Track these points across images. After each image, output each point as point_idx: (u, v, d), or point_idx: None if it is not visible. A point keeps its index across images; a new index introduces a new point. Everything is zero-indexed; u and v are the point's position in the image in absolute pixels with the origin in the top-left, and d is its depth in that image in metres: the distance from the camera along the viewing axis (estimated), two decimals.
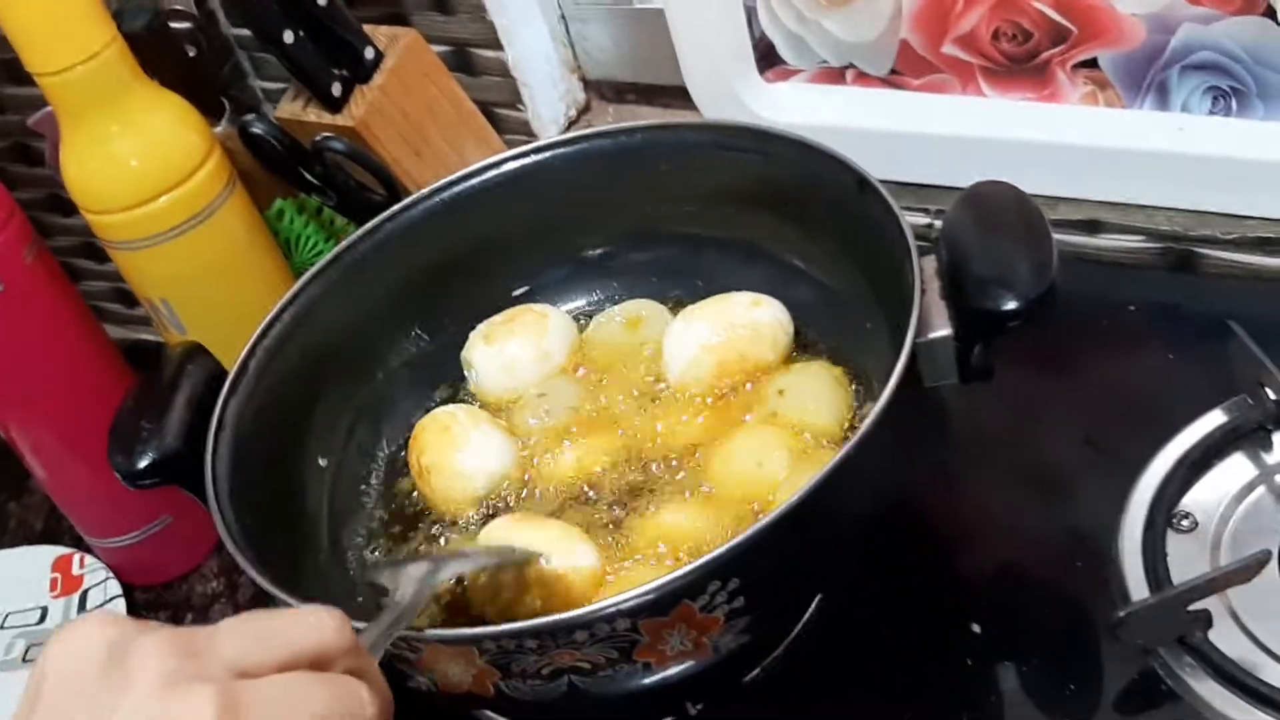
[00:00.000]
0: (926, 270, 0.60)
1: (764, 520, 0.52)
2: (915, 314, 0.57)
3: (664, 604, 0.52)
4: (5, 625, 0.89)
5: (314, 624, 0.41)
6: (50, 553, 0.92)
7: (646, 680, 0.56)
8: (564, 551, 0.61)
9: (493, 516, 0.68)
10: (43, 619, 0.89)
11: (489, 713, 0.64)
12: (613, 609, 0.52)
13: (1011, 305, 0.56)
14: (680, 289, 0.76)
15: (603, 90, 0.98)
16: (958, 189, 0.80)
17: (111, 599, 0.88)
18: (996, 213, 0.61)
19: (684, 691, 0.63)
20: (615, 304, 0.76)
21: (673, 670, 0.56)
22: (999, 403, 0.72)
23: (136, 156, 0.77)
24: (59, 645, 0.39)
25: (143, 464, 0.63)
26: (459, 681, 0.56)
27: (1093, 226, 0.79)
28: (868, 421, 0.54)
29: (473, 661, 0.54)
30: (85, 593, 0.89)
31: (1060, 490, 0.69)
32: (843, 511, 0.57)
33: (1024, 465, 0.71)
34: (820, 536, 0.56)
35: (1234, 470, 0.66)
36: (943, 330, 0.59)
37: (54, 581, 0.91)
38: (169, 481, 0.64)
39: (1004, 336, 0.58)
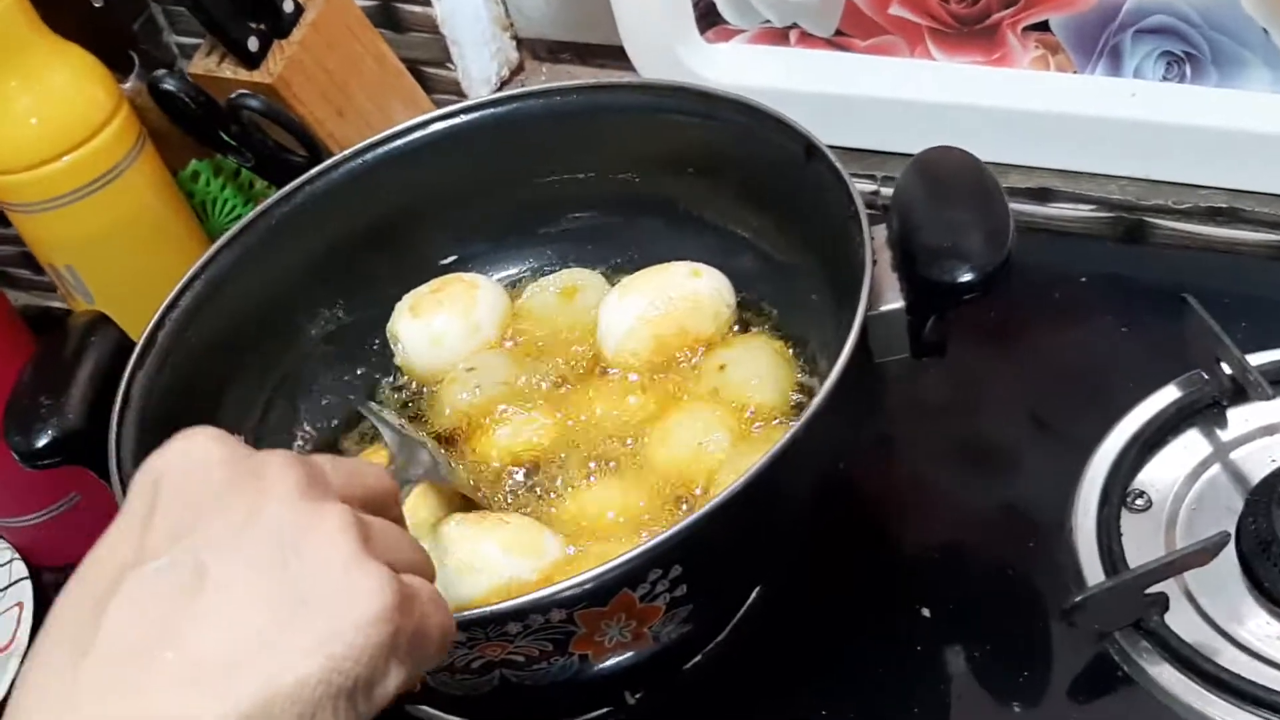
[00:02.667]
0: (877, 240, 0.58)
1: (707, 506, 0.49)
2: (866, 286, 0.54)
3: (602, 593, 0.49)
4: None
5: (379, 474, 0.43)
6: None
7: (585, 672, 0.53)
8: (528, 549, 0.57)
9: None
10: None
11: (423, 706, 0.61)
12: (547, 599, 0.49)
13: (967, 277, 0.54)
14: (617, 257, 0.72)
15: (536, 49, 0.94)
16: (905, 155, 0.77)
17: (17, 580, 0.83)
18: (950, 180, 0.58)
19: (623, 681, 0.60)
20: (549, 273, 0.73)
21: (611, 662, 0.53)
22: (945, 377, 0.70)
23: (36, 114, 0.72)
24: (175, 452, 0.38)
25: (41, 443, 0.59)
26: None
27: (1043, 195, 0.76)
28: (815, 401, 0.51)
29: None
30: None
31: (1011, 468, 0.67)
32: (789, 494, 0.54)
33: (972, 443, 0.69)
34: (766, 520, 0.53)
35: (1189, 447, 0.65)
36: (894, 303, 0.56)
37: None
38: (71, 461, 0.60)
39: (958, 309, 0.55)
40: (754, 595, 0.63)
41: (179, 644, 0.34)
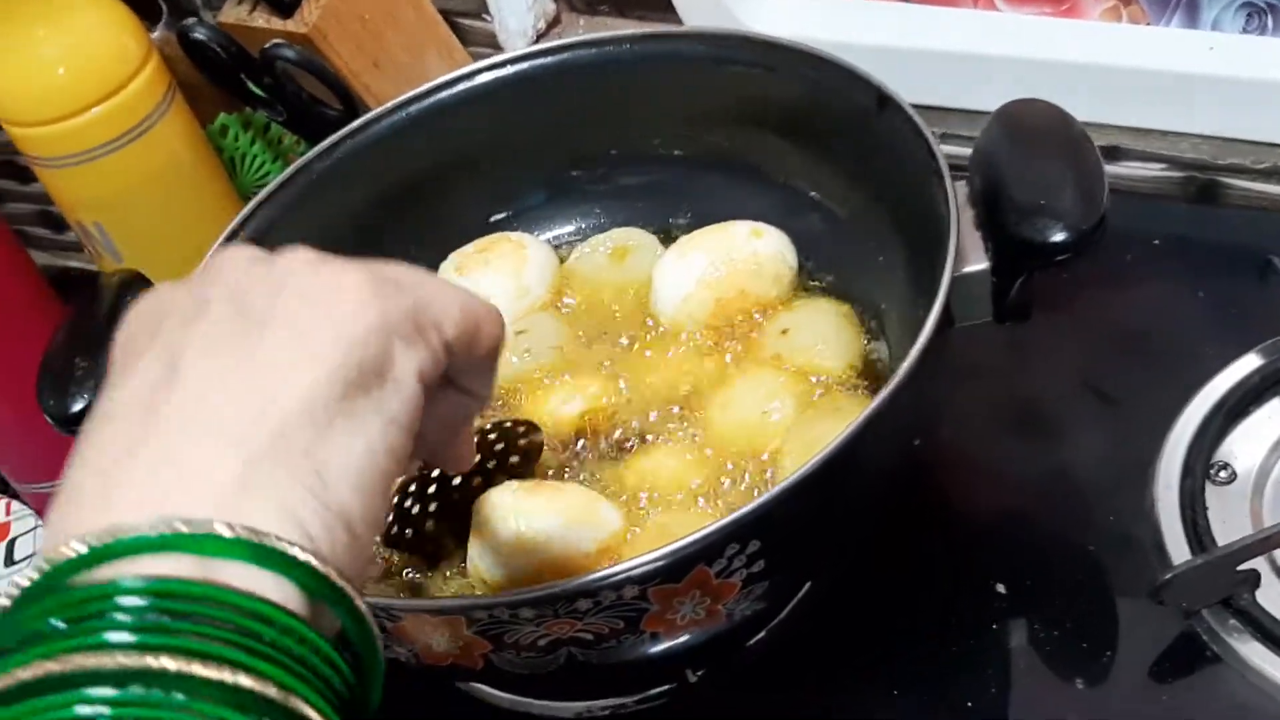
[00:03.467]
0: (958, 197, 0.55)
1: (789, 480, 0.47)
2: (953, 246, 0.51)
3: (678, 570, 0.47)
4: None
5: (483, 314, 0.40)
6: None
7: (652, 650, 0.50)
8: (586, 520, 0.55)
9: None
10: None
11: (479, 685, 0.59)
12: (621, 576, 0.46)
13: (1060, 237, 0.51)
14: (671, 216, 0.69)
15: (573, 1, 0.91)
16: (967, 111, 0.75)
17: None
18: (1037, 134, 0.55)
19: (685, 659, 0.57)
20: (600, 232, 0.70)
21: (681, 639, 0.50)
22: (1015, 345, 0.67)
23: (64, 63, 0.69)
24: (219, 254, 0.37)
25: (78, 407, 0.56)
26: (443, 654, 0.50)
27: (1112, 153, 0.73)
28: (904, 367, 0.49)
29: (460, 633, 0.48)
30: (13, 541, 0.82)
31: (1085, 440, 0.64)
32: (871, 468, 0.51)
33: (1045, 413, 0.66)
34: (846, 495, 0.51)
35: (1273, 417, 0.62)
36: (979, 264, 0.53)
37: None
38: None
39: (1048, 272, 0.52)
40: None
41: (238, 404, 0.33)
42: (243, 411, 0.33)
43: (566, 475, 0.60)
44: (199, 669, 0.28)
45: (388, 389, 0.35)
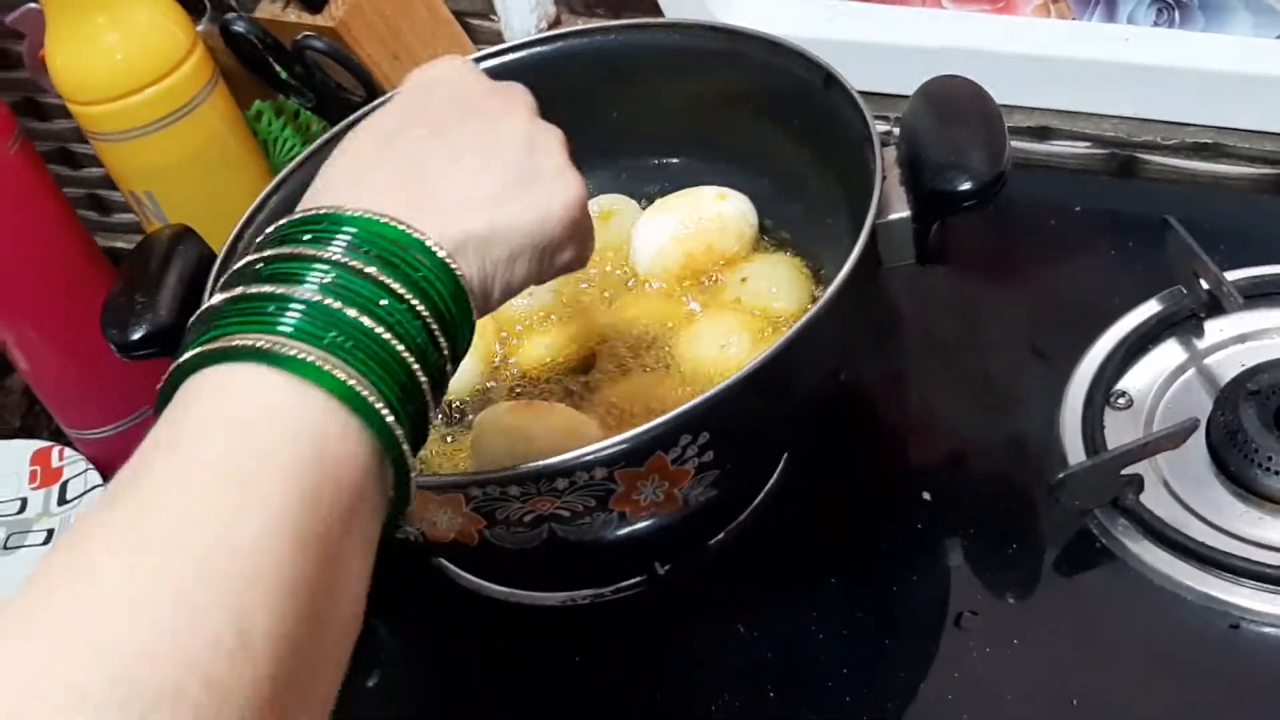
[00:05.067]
0: (887, 159, 0.64)
1: (732, 377, 0.56)
2: (876, 195, 0.61)
3: (638, 454, 0.56)
4: None
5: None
6: (29, 446, 0.94)
7: (621, 531, 0.59)
8: (572, 435, 0.64)
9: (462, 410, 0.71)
10: (22, 509, 0.91)
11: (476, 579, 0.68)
12: (591, 456, 0.55)
13: (966, 186, 0.60)
14: (650, 186, 0.79)
15: (573, 4, 1.01)
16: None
17: (92, 488, 0.90)
18: (952, 104, 0.65)
19: (654, 550, 0.67)
20: (589, 199, 0.79)
21: (645, 522, 0.60)
22: (951, 297, 0.77)
23: (122, 50, 0.79)
24: (444, 68, 0.54)
25: (138, 334, 0.66)
26: (446, 530, 0.59)
27: (1042, 133, 0.83)
28: (832, 286, 0.58)
29: (460, 510, 0.57)
30: (65, 484, 0.91)
31: (1007, 376, 0.74)
32: (803, 374, 0.60)
33: (973, 354, 0.75)
34: (782, 396, 0.60)
35: (1168, 354, 0.71)
36: (901, 212, 0.62)
37: (33, 474, 0.93)
38: (164, 352, 0.66)
39: (958, 217, 0.61)
40: (771, 482, 0.70)
41: (453, 178, 0.47)
42: (485, 206, 0.47)
43: (558, 397, 0.70)
44: (384, 279, 0.43)
45: (553, 266, 0.51)
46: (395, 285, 0.43)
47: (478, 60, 0.77)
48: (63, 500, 0.91)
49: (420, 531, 0.60)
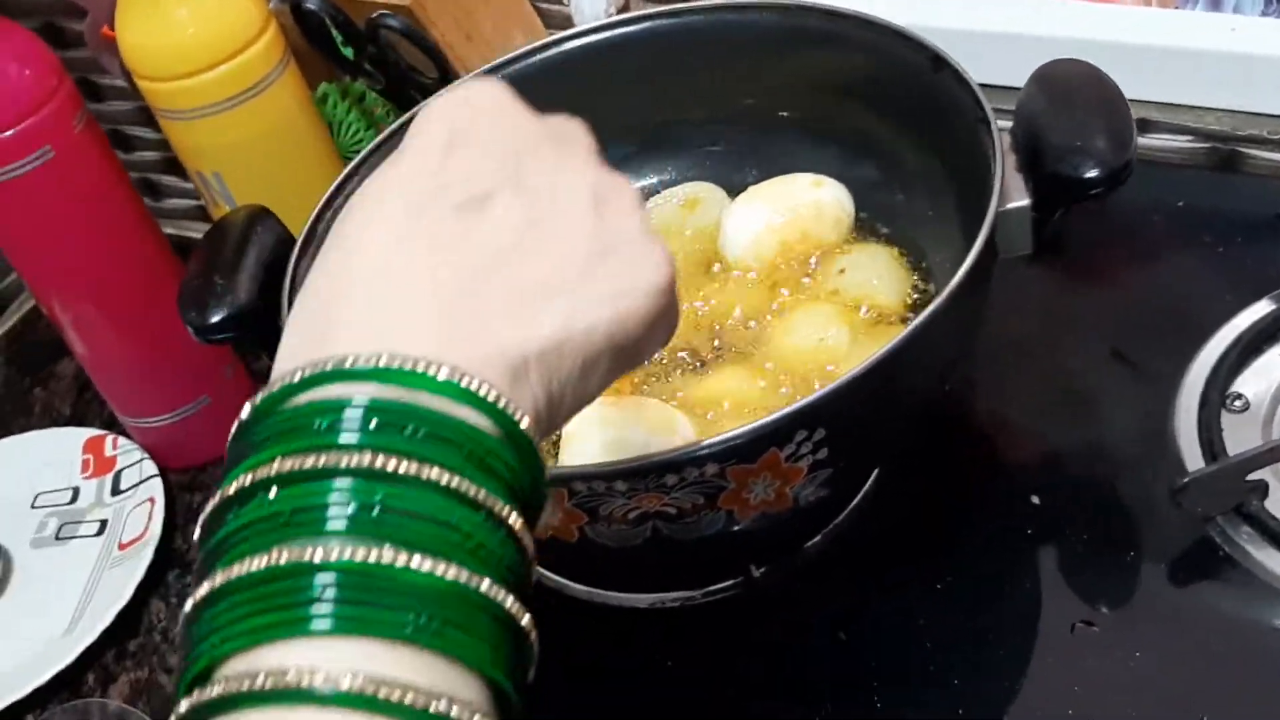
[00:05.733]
0: (1004, 141, 0.61)
1: (850, 373, 0.53)
2: (999, 179, 0.58)
3: (752, 450, 0.53)
4: (36, 505, 0.89)
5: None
6: (81, 434, 0.92)
7: (727, 529, 0.57)
8: (665, 430, 0.61)
9: None
10: (74, 499, 0.89)
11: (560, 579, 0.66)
12: (704, 452, 0.53)
13: (1092, 173, 0.57)
14: (738, 173, 0.76)
15: None
16: (1008, 88, 0.82)
17: (147, 478, 0.87)
18: (1072, 87, 0.62)
19: (750, 552, 0.64)
20: (674, 186, 0.77)
21: (752, 520, 0.57)
22: (1059, 293, 0.74)
23: (193, 25, 0.76)
24: (480, 97, 0.40)
25: (217, 318, 0.63)
26: (543, 527, 0.56)
27: (1143, 126, 0.80)
28: (954, 280, 0.55)
29: (561, 504, 0.55)
30: (119, 473, 0.89)
31: (1117, 379, 0.71)
32: (922, 370, 0.58)
33: (1075, 354, 0.72)
34: (900, 393, 0.57)
35: None
36: (1020, 200, 0.59)
37: (85, 463, 0.91)
38: (242, 336, 0.64)
39: (1082, 205, 0.59)
40: (868, 484, 0.67)
41: (503, 270, 0.35)
42: (547, 306, 0.36)
43: (645, 391, 0.67)
44: (417, 469, 0.31)
45: (634, 361, 0.39)
46: (459, 483, 0.31)
47: (560, 41, 0.75)
48: (116, 490, 0.89)
49: None
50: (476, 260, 0.36)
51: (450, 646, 0.30)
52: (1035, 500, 0.65)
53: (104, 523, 0.86)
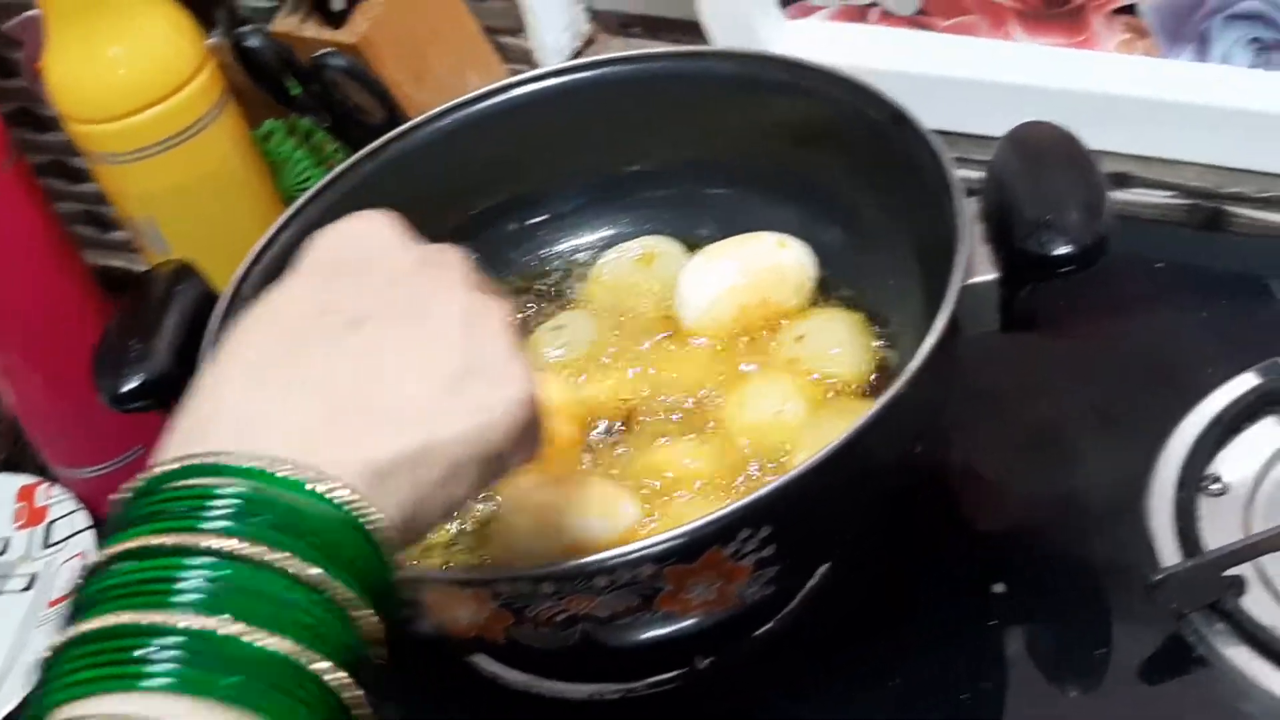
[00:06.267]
0: (969, 213, 0.58)
1: (800, 467, 0.50)
2: (963, 253, 0.54)
3: (693, 550, 0.49)
4: None
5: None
6: (14, 482, 0.88)
7: (665, 630, 0.53)
8: (605, 513, 0.58)
9: None
10: (4, 550, 0.85)
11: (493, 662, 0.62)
12: (638, 554, 0.49)
13: (1065, 250, 0.54)
14: (696, 227, 0.72)
15: (608, 22, 0.95)
16: (983, 137, 0.78)
17: (79, 531, 0.84)
18: (1045, 154, 0.58)
19: (694, 644, 0.60)
20: (629, 239, 0.73)
21: (693, 620, 0.53)
22: (1023, 359, 0.70)
23: (126, 64, 0.73)
24: (363, 225, 0.45)
25: (131, 385, 0.60)
26: (467, 626, 0.53)
27: (1121, 180, 0.76)
28: (911, 366, 0.52)
29: (485, 605, 0.51)
30: (51, 525, 0.85)
31: (1087, 451, 0.67)
32: (880, 457, 0.54)
33: (1049, 424, 0.69)
34: (852, 485, 0.54)
35: (1267, 434, 0.64)
36: (987, 274, 0.56)
37: (18, 512, 0.87)
38: (158, 405, 0.60)
39: (1052, 284, 0.55)
40: (825, 566, 0.63)
41: (373, 386, 0.39)
42: (414, 418, 0.39)
43: (592, 461, 0.63)
44: (265, 553, 0.34)
45: (499, 473, 0.42)
46: (304, 569, 0.34)
47: (511, 87, 0.71)
48: (48, 543, 0.85)
49: (439, 624, 0.53)
50: (349, 376, 0.39)
51: (274, 712, 0.33)
52: (999, 589, 0.62)
53: (33, 577, 0.82)
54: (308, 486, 0.36)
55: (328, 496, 0.36)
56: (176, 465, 0.36)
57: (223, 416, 0.38)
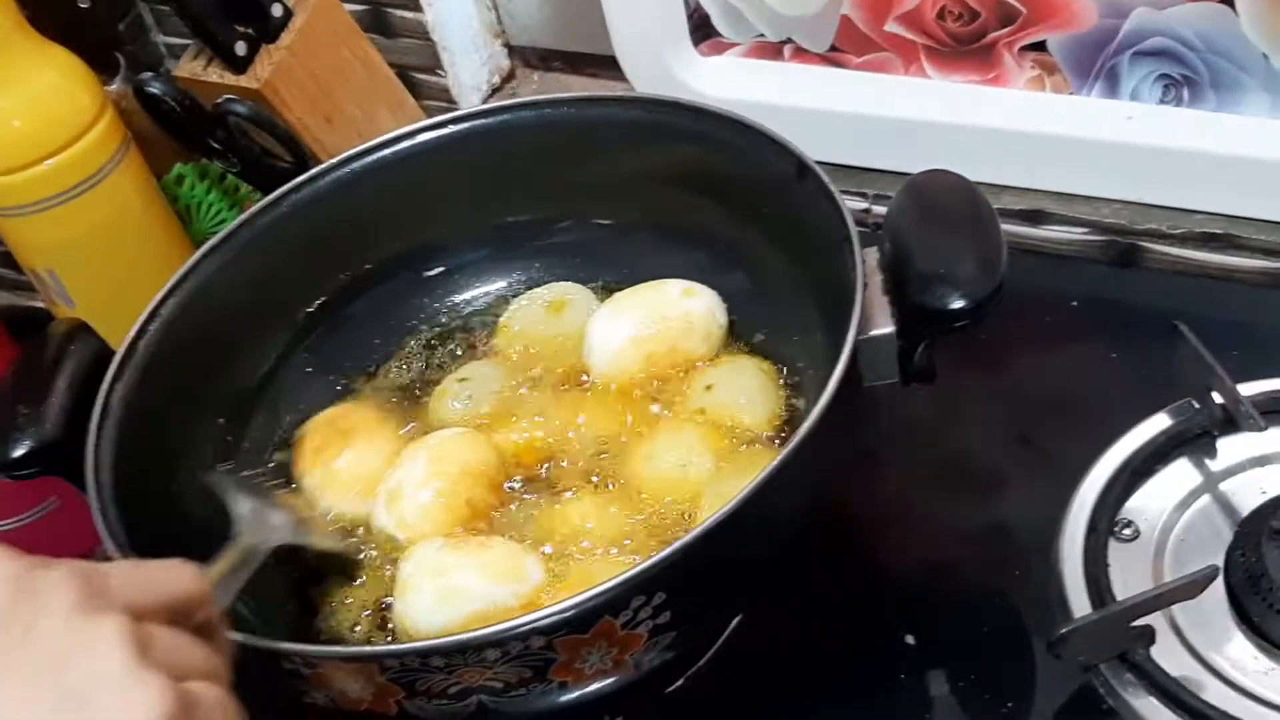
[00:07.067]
0: (869, 263, 0.57)
1: (690, 534, 0.49)
2: (858, 310, 0.54)
3: (583, 621, 0.48)
4: None
5: (179, 576, 0.43)
6: None
7: (562, 698, 0.52)
8: (508, 577, 0.56)
9: None
10: None
11: None
12: (527, 627, 0.48)
13: (958, 304, 0.53)
14: (607, 272, 0.71)
15: (528, 57, 0.94)
16: (898, 173, 0.78)
17: None
18: (942, 204, 0.58)
19: (603, 705, 0.59)
20: (538, 286, 0.72)
21: (591, 688, 0.52)
22: (932, 399, 0.69)
23: (19, 116, 0.71)
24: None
25: (19, 452, 0.58)
26: (358, 699, 0.51)
27: (1035, 217, 0.76)
28: (805, 426, 0.51)
29: (373, 679, 0.50)
30: None
31: (997, 494, 0.66)
32: (776, 519, 0.53)
33: (959, 467, 0.68)
34: (752, 546, 0.53)
35: (1178, 477, 0.64)
36: (885, 328, 0.55)
37: None
38: (48, 472, 0.59)
39: (949, 336, 0.54)
40: (736, 620, 0.62)
41: None
42: None
43: (497, 520, 0.62)
44: None
45: None
46: None
47: (414, 133, 0.70)
48: None
49: (329, 698, 0.52)
50: None
51: None
52: (910, 640, 0.61)
53: None
54: None
55: None
56: None
57: None
